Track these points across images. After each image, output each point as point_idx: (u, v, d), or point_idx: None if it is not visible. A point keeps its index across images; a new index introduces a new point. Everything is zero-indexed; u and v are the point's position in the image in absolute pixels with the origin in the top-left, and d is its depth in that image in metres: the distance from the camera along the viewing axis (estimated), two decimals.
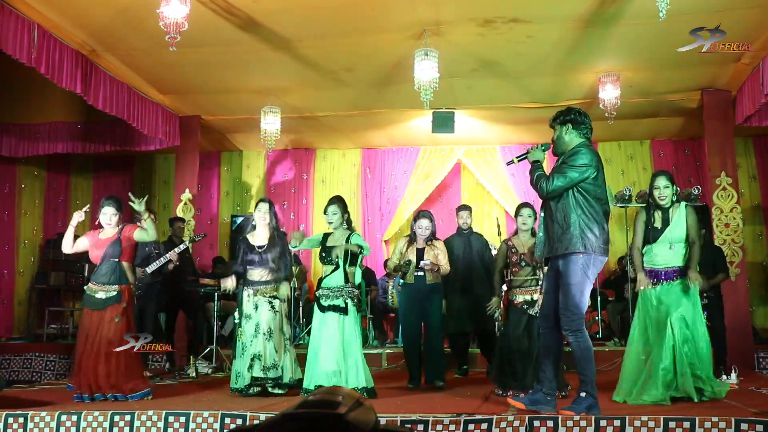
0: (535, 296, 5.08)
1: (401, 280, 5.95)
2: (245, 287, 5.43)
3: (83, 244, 5.26)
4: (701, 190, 8.29)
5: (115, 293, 5.04)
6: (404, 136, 9.84)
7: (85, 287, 5.20)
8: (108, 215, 5.16)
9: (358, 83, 7.68)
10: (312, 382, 5.09)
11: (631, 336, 4.86)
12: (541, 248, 4.12)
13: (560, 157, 4.14)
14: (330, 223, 5.35)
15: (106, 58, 6.89)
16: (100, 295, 5.05)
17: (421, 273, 5.80)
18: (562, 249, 3.91)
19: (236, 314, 5.51)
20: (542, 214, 4.15)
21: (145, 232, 5.16)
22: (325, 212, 5.39)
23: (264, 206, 5.51)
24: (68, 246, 5.24)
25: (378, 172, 10.49)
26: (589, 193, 3.92)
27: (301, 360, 5.45)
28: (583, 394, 3.98)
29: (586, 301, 3.97)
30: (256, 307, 5.33)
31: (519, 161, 4.47)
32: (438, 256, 5.82)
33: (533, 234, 5.23)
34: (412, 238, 5.95)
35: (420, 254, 5.83)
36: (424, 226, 5.87)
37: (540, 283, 5.04)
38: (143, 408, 4.37)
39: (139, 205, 5.13)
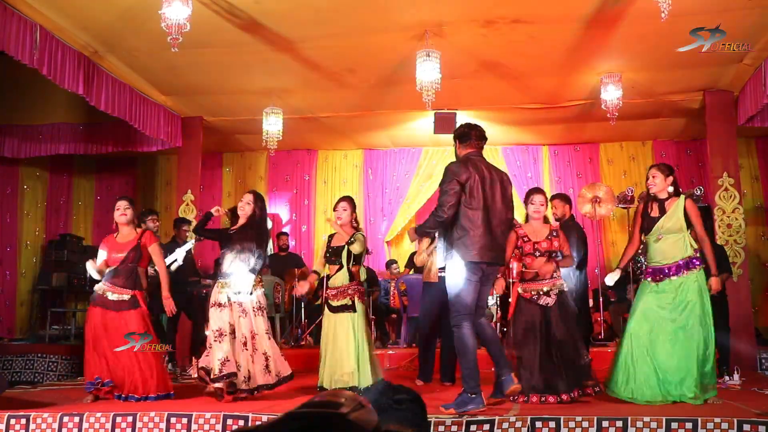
0: (550, 287, 4.78)
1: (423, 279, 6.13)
2: (218, 278, 5.20)
3: (102, 255, 5.20)
4: (703, 190, 8.28)
5: (128, 297, 5.05)
6: (406, 137, 9.84)
7: (96, 287, 5.14)
8: (122, 208, 5.19)
9: (360, 84, 7.69)
10: (328, 381, 5.16)
11: (634, 330, 4.68)
12: (443, 256, 4.44)
13: None
14: (339, 218, 5.38)
15: (108, 59, 6.90)
16: (113, 296, 5.05)
17: (443, 273, 5.95)
18: (449, 257, 4.33)
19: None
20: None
21: (155, 255, 5.28)
22: (334, 208, 5.48)
23: (247, 197, 5.38)
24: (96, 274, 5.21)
25: (380, 173, 10.50)
26: (466, 203, 4.26)
27: (304, 358, 5.43)
28: (462, 391, 4.22)
29: (464, 300, 4.25)
30: (231, 307, 5.05)
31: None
32: None
33: (546, 221, 5.00)
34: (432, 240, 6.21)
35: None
36: None
37: (554, 274, 4.81)
38: (145, 409, 4.38)
39: None
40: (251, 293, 5.07)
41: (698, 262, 4.66)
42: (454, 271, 4.31)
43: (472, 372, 4.21)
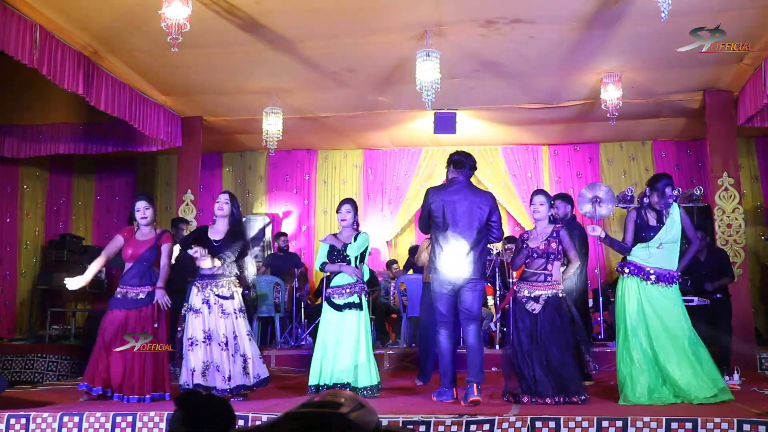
0: (541, 291, 4.80)
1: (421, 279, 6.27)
2: (195, 280, 5.17)
3: (117, 243, 5.23)
4: (703, 190, 8.27)
5: (145, 295, 5.08)
6: (406, 137, 9.84)
7: (117, 291, 5.16)
8: (141, 209, 5.18)
9: (359, 84, 7.69)
10: (322, 379, 5.14)
11: (632, 327, 4.64)
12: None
13: None
14: (343, 220, 5.41)
15: (108, 59, 6.90)
16: (132, 295, 5.08)
17: None
18: (429, 269, 5.05)
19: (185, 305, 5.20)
20: None
21: (164, 253, 5.24)
22: (338, 210, 5.49)
23: (223, 197, 5.38)
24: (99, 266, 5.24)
25: (380, 172, 10.50)
26: (434, 225, 4.88)
27: (304, 358, 5.43)
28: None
29: (439, 309, 4.87)
30: (210, 309, 5.02)
31: None
32: None
33: (552, 221, 5.07)
34: None
35: None
36: None
37: (548, 279, 4.82)
38: (145, 409, 4.38)
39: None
40: (233, 296, 5.09)
41: (678, 278, 4.76)
42: (432, 282, 4.95)
43: (445, 370, 4.85)
